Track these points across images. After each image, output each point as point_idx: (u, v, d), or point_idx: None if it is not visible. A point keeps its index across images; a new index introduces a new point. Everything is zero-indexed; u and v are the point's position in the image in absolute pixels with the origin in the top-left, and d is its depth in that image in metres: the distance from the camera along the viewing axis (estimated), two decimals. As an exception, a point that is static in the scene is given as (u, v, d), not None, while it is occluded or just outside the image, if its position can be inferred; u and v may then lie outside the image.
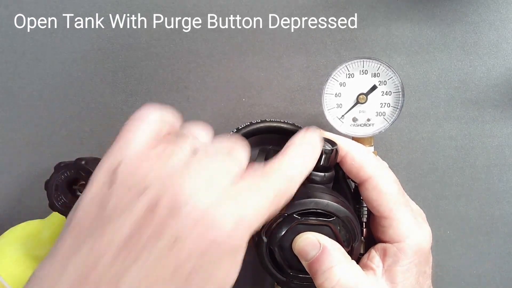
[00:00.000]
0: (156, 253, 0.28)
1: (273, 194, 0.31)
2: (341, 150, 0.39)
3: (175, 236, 0.28)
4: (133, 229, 0.28)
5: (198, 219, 0.28)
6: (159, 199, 0.28)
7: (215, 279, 0.29)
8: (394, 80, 0.43)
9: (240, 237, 0.29)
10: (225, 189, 0.30)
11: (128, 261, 0.27)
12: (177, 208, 0.28)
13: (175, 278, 0.28)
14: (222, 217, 0.28)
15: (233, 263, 0.30)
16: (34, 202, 0.55)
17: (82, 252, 0.28)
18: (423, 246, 0.38)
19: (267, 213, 0.31)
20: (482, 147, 0.54)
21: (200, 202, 0.28)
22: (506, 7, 0.53)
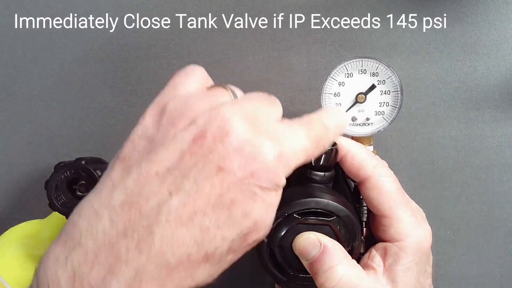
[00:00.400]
0: (199, 181, 0.29)
1: (311, 138, 0.33)
2: (341, 150, 0.39)
3: (218, 165, 0.29)
4: (179, 157, 0.29)
5: (241, 150, 0.29)
6: (206, 129, 0.30)
7: (252, 214, 0.30)
8: (393, 79, 0.43)
9: (279, 173, 0.31)
10: (268, 125, 0.32)
11: (173, 187, 0.29)
12: (222, 137, 0.29)
13: (215, 208, 0.29)
14: (264, 149, 0.30)
15: (270, 202, 0.31)
16: (34, 202, 0.55)
17: (129, 180, 0.30)
18: (424, 245, 0.38)
19: (304, 156, 0.33)
20: (482, 147, 0.54)
21: (245, 133, 0.30)
22: (506, 7, 0.53)
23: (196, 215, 0.29)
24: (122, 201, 0.29)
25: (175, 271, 0.29)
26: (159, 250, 0.28)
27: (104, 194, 0.30)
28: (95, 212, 0.30)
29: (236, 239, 0.30)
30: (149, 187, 0.29)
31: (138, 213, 0.29)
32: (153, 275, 0.29)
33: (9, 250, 0.45)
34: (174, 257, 0.29)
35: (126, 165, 0.31)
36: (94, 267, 0.29)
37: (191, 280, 0.30)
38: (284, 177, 0.31)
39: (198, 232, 0.29)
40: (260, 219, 0.31)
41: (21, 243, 0.46)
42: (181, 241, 0.29)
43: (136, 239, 0.28)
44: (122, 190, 0.30)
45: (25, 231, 0.48)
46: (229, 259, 0.32)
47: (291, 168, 0.32)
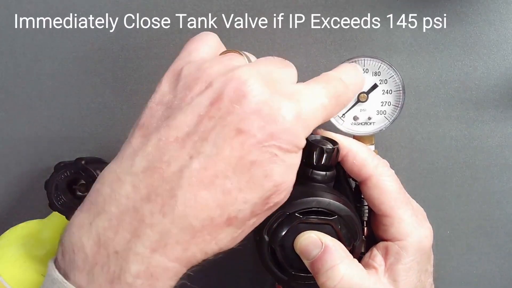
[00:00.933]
0: (218, 144, 0.29)
1: (329, 96, 0.33)
2: (342, 149, 0.39)
3: (237, 127, 0.29)
4: (197, 121, 0.30)
5: (259, 110, 0.29)
6: (223, 92, 0.30)
7: (273, 175, 0.30)
8: (395, 79, 0.43)
9: (299, 133, 0.31)
10: (285, 85, 0.32)
11: (193, 151, 0.29)
12: (239, 99, 0.29)
13: (236, 171, 0.29)
14: (282, 110, 0.30)
15: (291, 163, 0.31)
16: (34, 202, 0.55)
17: (149, 146, 0.30)
18: (425, 244, 0.38)
19: (323, 114, 0.33)
20: (482, 147, 0.54)
21: (262, 95, 0.30)
22: (506, 7, 0.53)
23: (217, 178, 0.29)
24: (144, 167, 0.30)
25: (198, 234, 0.29)
26: (182, 213, 0.29)
27: (125, 161, 0.31)
28: (117, 178, 0.30)
29: (258, 202, 0.30)
30: (169, 152, 0.29)
31: (160, 178, 0.29)
32: (177, 238, 0.29)
33: (9, 250, 0.45)
34: (197, 220, 0.29)
35: (145, 132, 0.31)
36: (118, 232, 0.29)
37: (215, 243, 0.30)
38: (304, 137, 0.31)
39: (220, 195, 0.29)
40: (281, 181, 0.31)
41: (21, 243, 0.46)
42: (204, 204, 0.29)
43: (159, 203, 0.29)
44: (143, 156, 0.30)
45: (25, 231, 0.48)
46: (251, 223, 0.32)
47: (311, 128, 0.32)
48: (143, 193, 0.29)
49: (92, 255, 0.30)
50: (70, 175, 0.45)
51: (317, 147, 0.38)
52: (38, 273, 0.44)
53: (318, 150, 0.38)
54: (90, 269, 0.30)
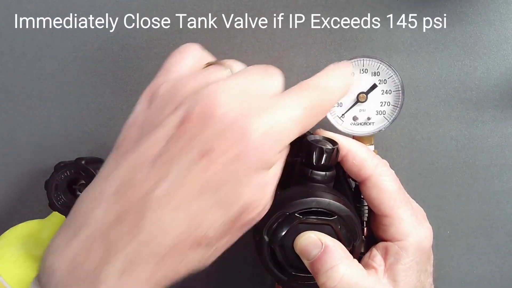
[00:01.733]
0: (186, 166, 0.29)
1: (303, 107, 0.32)
2: (342, 149, 0.39)
3: (204, 148, 0.29)
4: (166, 143, 0.29)
5: (225, 131, 0.29)
6: (191, 112, 0.29)
7: (241, 196, 0.30)
8: (394, 79, 0.43)
9: (268, 151, 0.30)
10: (258, 100, 0.31)
11: (160, 174, 0.29)
12: (207, 118, 0.29)
13: (203, 193, 0.29)
14: (250, 128, 0.29)
15: (260, 182, 0.30)
16: (34, 202, 0.55)
17: (120, 169, 0.30)
18: (425, 244, 0.38)
19: (298, 126, 0.31)
20: (482, 147, 0.54)
21: (230, 112, 0.29)
22: (506, 7, 0.53)
23: (184, 200, 0.29)
24: (115, 190, 0.30)
25: (167, 256, 0.29)
26: (149, 235, 0.29)
27: (99, 184, 0.31)
28: (91, 201, 0.30)
29: (226, 222, 0.30)
30: (139, 175, 0.29)
31: (130, 201, 0.29)
32: (146, 260, 0.29)
33: (9, 250, 0.45)
34: (165, 242, 0.29)
35: (119, 153, 0.31)
36: (89, 254, 0.29)
37: (185, 264, 0.30)
38: (276, 153, 0.30)
39: (187, 217, 0.29)
40: (251, 201, 0.30)
41: (21, 243, 0.46)
42: (171, 226, 0.29)
43: (128, 225, 0.29)
44: (115, 178, 0.30)
45: (25, 231, 0.48)
46: (224, 242, 0.32)
47: (285, 142, 0.31)
48: (114, 215, 0.29)
49: (65, 277, 0.30)
50: (70, 175, 0.45)
51: (316, 147, 0.38)
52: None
53: (318, 150, 0.38)
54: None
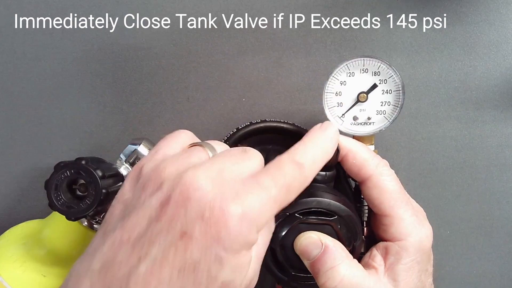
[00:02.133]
0: (164, 248, 0.29)
1: (279, 186, 0.32)
2: (342, 149, 0.39)
3: (181, 230, 0.29)
4: (148, 223, 0.30)
5: (203, 215, 0.29)
6: (170, 195, 0.30)
7: (219, 277, 0.29)
8: (395, 79, 0.43)
9: (244, 235, 0.30)
10: (235, 182, 0.31)
11: (140, 254, 0.29)
12: (185, 202, 0.30)
13: (181, 274, 0.29)
14: (226, 212, 0.29)
15: (239, 263, 0.30)
16: (34, 202, 0.55)
17: (105, 246, 0.31)
18: (425, 244, 0.38)
19: (274, 206, 0.32)
20: (482, 147, 0.54)
21: (207, 196, 0.30)
22: (506, 7, 0.53)
23: (163, 281, 0.29)
24: (100, 267, 0.30)
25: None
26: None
27: (86, 259, 0.31)
28: (78, 276, 0.31)
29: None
30: (121, 253, 0.30)
31: (113, 278, 0.29)
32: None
33: (9, 250, 0.45)
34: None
35: (105, 230, 0.32)
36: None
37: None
38: (255, 233, 0.31)
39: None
40: (228, 281, 0.30)
41: (21, 243, 0.46)
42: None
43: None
44: (100, 255, 0.31)
45: (25, 231, 0.48)
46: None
47: (261, 222, 0.31)
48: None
49: None
50: (70, 175, 0.45)
51: (317, 147, 0.38)
52: (38, 273, 0.44)
53: (318, 150, 0.38)
54: None
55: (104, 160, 0.48)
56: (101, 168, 0.44)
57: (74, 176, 0.45)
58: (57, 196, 0.44)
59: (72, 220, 0.43)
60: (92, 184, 0.42)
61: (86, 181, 0.43)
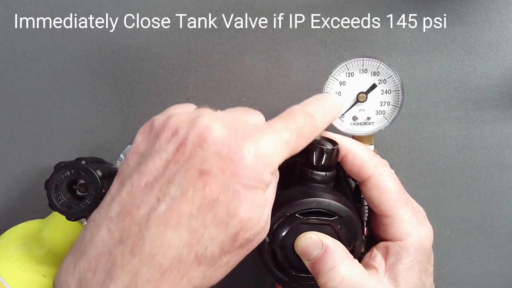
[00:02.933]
0: (183, 186, 0.31)
1: (290, 129, 0.34)
2: (342, 149, 0.39)
3: (200, 169, 0.31)
4: (164, 166, 0.32)
5: (219, 152, 0.31)
6: (186, 138, 0.32)
7: (238, 212, 0.31)
8: (394, 79, 0.43)
9: (259, 172, 0.31)
10: (246, 128, 0.33)
11: (159, 195, 0.31)
12: (201, 143, 0.31)
13: (201, 210, 0.30)
14: (242, 151, 0.31)
15: (256, 201, 0.32)
16: (34, 202, 0.55)
17: (123, 192, 0.32)
18: (425, 244, 0.38)
19: (286, 148, 0.33)
20: (482, 147, 0.54)
21: (222, 137, 0.31)
22: (506, 7, 0.53)
23: (182, 217, 0.30)
24: (118, 212, 0.32)
25: (168, 273, 0.30)
26: (150, 253, 0.30)
27: (103, 208, 0.33)
28: (96, 224, 0.33)
29: (225, 240, 0.31)
30: (140, 196, 0.32)
31: (131, 221, 0.31)
32: (147, 277, 0.30)
33: (9, 250, 0.45)
34: (165, 259, 0.30)
35: (121, 179, 0.34)
36: (96, 273, 0.31)
37: (186, 281, 0.31)
38: (269, 173, 0.32)
39: (186, 234, 0.30)
40: (247, 218, 0.31)
41: (21, 243, 0.46)
42: (170, 243, 0.30)
43: (129, 244, 0.31)
44: (118, 201, 0.32)
45: (25, 231, 0.48)
46: (224, 262, 0.33)
47: (275, 164, 0.33)
48: (116, 236, 0.31)
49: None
50: (70, 175, 0.45)
51: (317, 147, 0.38)
52: (38, 273, 0.44)
53: (318, 150, 0.38)
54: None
55: (104, 160, 0.48)
56: (101, 168, 0.43)
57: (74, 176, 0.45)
58: (57, 196, 0.44)
59: (72, 220, 0.43)
60: (92, 184, 0.42)
61: (86, 181, 0.43)
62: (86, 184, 0.43)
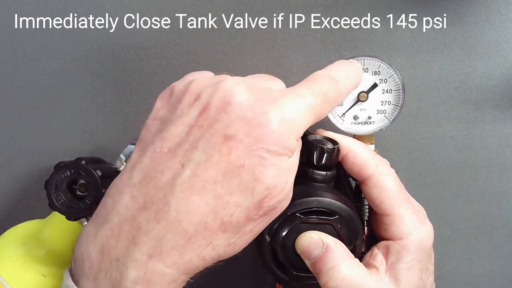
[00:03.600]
0: (207, 151, 0.30)
1: (315, 94, 0.33)
2: (342, 148, 0.39)
3: (224, 133, 0.30)
4: (188, 131, 0.31)
5: (244, 116, 0.30)
6: (210, 102, 0.32)
7: (263, 178, 0.30)
8: (395, 78, 0.43)
9: (285, 137, 0.31)
10: (270, 92, 0.32)
11: (183, 160, 0.31)
12: (225, 107, 0.31)
13: (226, 175, 0.30)
14: (267, 115, 0.31)
15: (282, 167, 0.31)
16: (34, 202, 0.55)
17: (145, 158, 0.32)
18: (426, 243, 0.38)
19: (311, 113, 0.33)
20: (482, 147, 0.54)
21: (247, 101, 0.31)
22: (506, 7, 0.53)
23: (208, 183, 0.30)
24: (141, 178, 0.31)
25: (193, 239, 0.30)
26: (175, 219, 0.30)
27: (125, 174, 0.33)
28: (118, 190, 0.32)
29: (250, 206, 0.31)
30: (163, 162, 0.31)
31: (155, 187, 0.31)
32: (172, 243, 0.30)
33: (9, 250, 0.45)
34: (190, 225, 0.30)
35: (142, 146, 0.33)
36: (119, 240, 0.31)
37: (211, 249, 0.31)
38: (294, 139, 0.32)
39: (211, 200, 0.30)
40: (273, 184, 0.31)
41: (21, 243, 0.46)
42: (195, 209, 0.30)
43: (154, 210, 0.30)
44: (140, 168, 0.32)
45: (25, 231, 0.48)
46: (249, 230, 0.32)
47: (300, 129, 0.32)
48: (140, 202, 0.31)
49: (97, 262, 0.31)
50: (70, 175, 0.45)
51: (317, 147, 0.38)
52: (38, 273, 0.44)
53: (319, 150, 0.38)
54: (95, 275, 0.31)
55: (104, 160, 0.48)
56: (101, 168, 0.44)
57: (74, 176, 0.45)
58: (57, 196, 0.44)
59: (72, 220, 0.43)
60: (92, 184, 0.42)
61: (86, 181, 0.43)
62: (86, 184, 0.43)
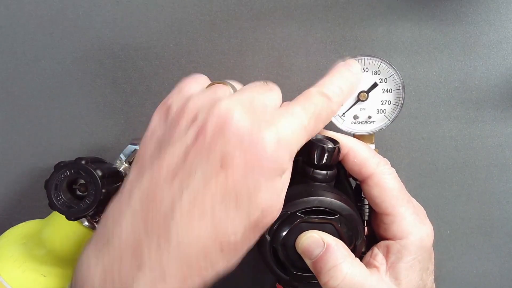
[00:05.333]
0: (205, 177, 0.30)
1: (308, 115, 0.34)
2: (343, 148, 0.39)
3: (222, 155, 0.30)
4: (185, 154, 0.31)
5: (241, 141, 0.31)
6: (206, 124, 0.31)
7: (259, 202, 0.31)
8: (395, 78, 0.43)
9: (281, 158, 0.32)
10: (265, 112, 0.33)
11: (182, 185, 0.31)
12: (222, 131, 0.31)
13: (223, 201, 0.30)
14: (263, 138, 0.31)
15: (276, 188, 0.32)
16: (34, 202, 0.55)
17: (144, 180, 0.32)
18: (426, 243, 0.38)
19: (304, 134, 0.34)
20: (482, 147, 0.54)
21: (243, 124, 0.31)
22: (506, 7, 0.53)
23: (206, 209, 0.30)
24: (141, 201, 0.31)
25: (195, 263, 0.30)
26: (177, 244, 0.30)
27: (124, 195, 0.33)
28: (119, 212, 0.32)
29: (247, 227, 0.31)
30: (162, 186, 0.31)
31: (156, 211, 0.31)
32: (175, 267, 0.30)
33: (9, 250, 0.45)
34: (192, 250, 0.30)
35: (140, 166, 0.33)
36: (122, 264, 0.31)
37: (212, 269, 0.31)
38: (288, 160, 0.32)
39: (210, 224, 0.30)
40: (268, 205, 0.32)
41: (21, 243, 0.46)
42: (196, 234, 0.30)
43: (156, 235, 0.30)
44: (140, 190, 0.32)
45: (25, 231, 0.48)
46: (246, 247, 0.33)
47: (294, 149, 0.33)
48: (141, 226, 0.31)
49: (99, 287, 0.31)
50: (70, 175, 0.45)
51: (318, 146, 0.38)
52: (38, 273, 0.43)
53: (319, 149, 0.38)
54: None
55: (104, 160, 0.48)
56: (101, 168, 0.43)
57: (74, 176, 0.45)
58: (57, 196, 0.44)
59: (72, 220, 0.43)
60: (92, 184, 0.42)
61: (86, 181, 0.43)
62: (86, 184, 0.43)
